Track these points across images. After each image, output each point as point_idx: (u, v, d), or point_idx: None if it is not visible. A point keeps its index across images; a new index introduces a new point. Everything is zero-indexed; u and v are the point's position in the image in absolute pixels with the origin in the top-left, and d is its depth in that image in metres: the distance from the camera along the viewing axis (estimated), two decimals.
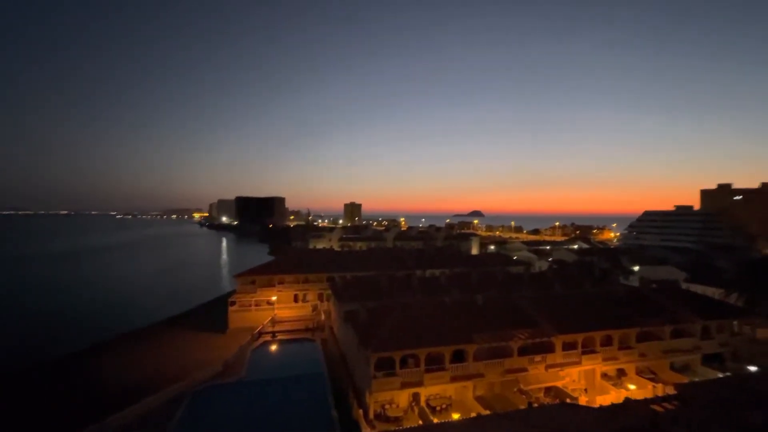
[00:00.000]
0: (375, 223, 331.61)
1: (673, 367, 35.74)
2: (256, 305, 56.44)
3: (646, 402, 21.90)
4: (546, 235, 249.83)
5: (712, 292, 51.34)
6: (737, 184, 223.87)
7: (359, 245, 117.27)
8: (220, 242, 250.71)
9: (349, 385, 33.54)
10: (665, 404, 20.90)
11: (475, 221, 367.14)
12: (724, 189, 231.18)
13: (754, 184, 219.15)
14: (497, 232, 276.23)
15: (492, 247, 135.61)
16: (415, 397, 30.14)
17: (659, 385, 31.85)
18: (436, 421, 26.30)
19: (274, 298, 57.36)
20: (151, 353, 46.96)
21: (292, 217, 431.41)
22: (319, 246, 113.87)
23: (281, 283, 59.96)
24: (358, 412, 28.66)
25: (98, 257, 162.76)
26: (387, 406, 29.25)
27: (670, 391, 27.19)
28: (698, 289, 53.16)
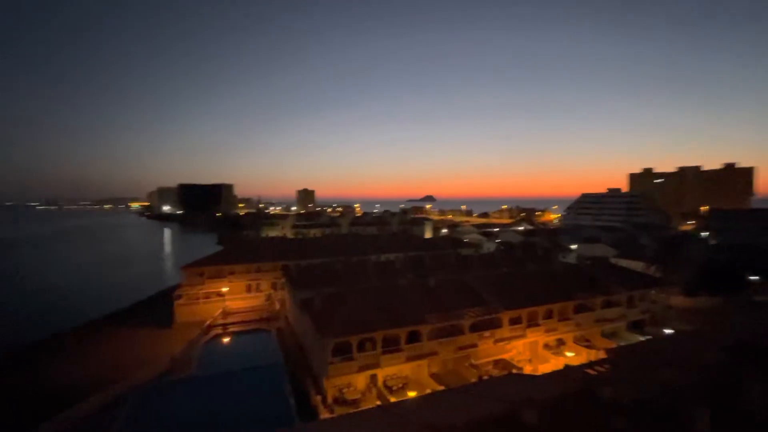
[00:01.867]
0: (329, 210, 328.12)
1: (603, 334, 39.59)
2: (205, 298, 53.93)
3: (581, 367, 24.16)
4: (494, 218, 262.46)
5: (636, 265, 57.32)
6: (660, 168, 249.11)
7: (313, 232, 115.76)
8: (163, 233, 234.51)
9: (307, 372, 33.46)
10: (597, 368, 23.19)
11: (428, 206, 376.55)
12: (647, 173, 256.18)
13: (672, 167, 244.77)
14: (449, 216, 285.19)
15: (444, 230, 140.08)
16: (373, 378, 30.79)
17: (592, 351, 35.24)
18: (393, 400, 27.12)
19: (224, 290, 55.13)
20: (86, 353, 43.20)
21: (241, 205, 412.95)
22: (272, 234, 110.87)
23: (232, 273, 57.66)
24: (316, 399, 28.75)
25: (16, 250, 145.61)
26: (345, 390, 29.62)
27: (602, 355, 30.16)
28: (624, 263, 58.94)
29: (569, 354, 35.68)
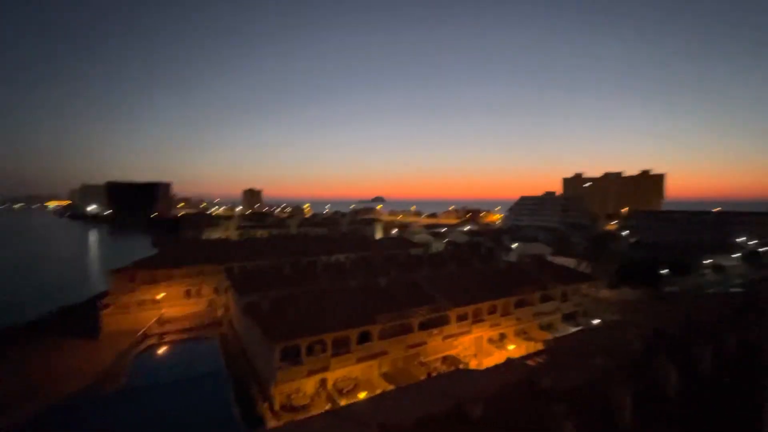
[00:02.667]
0: (278, 210, 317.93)
1: (541, 327, 42.35)
2: (139, 305, 49.47)
3: (522, 359, 25.59)
4: (442, 218, 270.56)
5: (569, 262, 62.18)
6: (589, 174, 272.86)
7: (260, 233, 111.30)
8: (87, 236, 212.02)
9: (253, 380, 31.96)
10: (536, 358, 24.70)
11: (378, 206, 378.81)
12: (578, 178, 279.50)
13: (599, 173, 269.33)
14: (399, 217, 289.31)
15: (394, 231, 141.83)
16: (322, 382, 30.17)
17: (531, 343, 37.54)
18: (343, 402, 26.76)
19: (160, 296, 51.01)
20: None
21: (181, 205, 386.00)
22: (215, 236, 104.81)
23: (169, 278, 53.51)
24: (263, 407, 27.56)
25: None
26: (293, 396, 28.71)
27: (540, 347, 32.28)
28: (559, 260, 63.68)
29: (511, 347, 37.67)
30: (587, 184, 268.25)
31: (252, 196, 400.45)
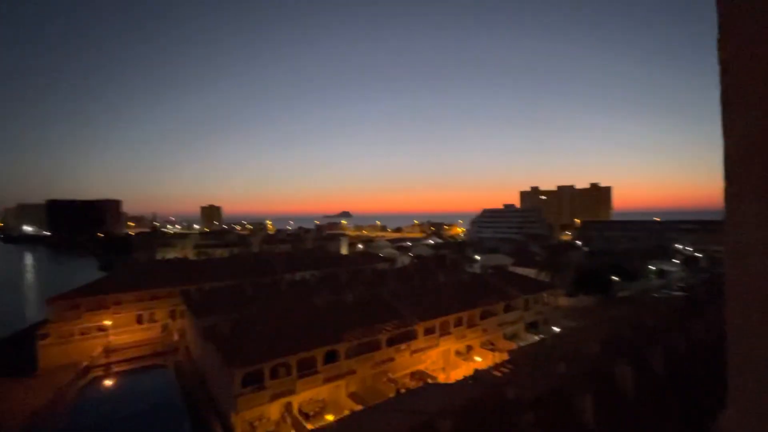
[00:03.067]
0: (238, 227, 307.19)
1: (505, 337, 43.26)
2: (82, 334, 45.29)
3: (488, 370, 25.87)
4: (407, 232, 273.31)
5: (529, 272, 64.44)
6: (544, 187, 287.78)
7: (220, 252, 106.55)
8: (22, 259, 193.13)
9: (212, 410, 29.95)
10: (502, 369, 25.06)
11: (344, 222, 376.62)
12: (535, 191, 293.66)
13: (554, 186, 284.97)
14: (364, 232, 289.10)
15: (360, 245, 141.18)
16: (287, 406, 28.82)
17: (497, 354, 38.14)
18: (310, 427, 25.67)
19: (108, 323, 47.05)
20: None
21: (132, 224, 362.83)
22: (170, 256, 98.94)
23: (118, 303, 49.60)
24: None
25: None
26: (256, 423, 27.15)
27: (505, 357, 32.85)
28: (520, 270, 65.86)
29: (477, 358, 38.07)
30: (543, 197, 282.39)
31: (211, 213, 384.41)
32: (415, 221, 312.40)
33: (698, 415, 18.66)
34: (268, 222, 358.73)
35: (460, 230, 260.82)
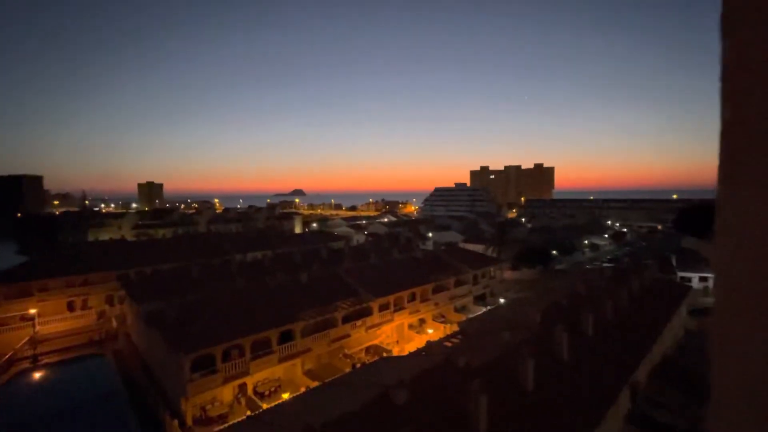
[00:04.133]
0: (183, 206, 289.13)
1: (456, 309, 45.49)
2: (2, 325, 40.83)
3: (440, 341, 27.14)
4: (362, 210, 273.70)
5: (478, 248, 67.65)
6: (494, 167, 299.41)
7: (162, 233, 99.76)
8: None
9: (159, 397, 28.69)
10: (453, 339, 26.40)
11: (297, 200, 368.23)
12: (484, 170, 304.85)
13: (501, 166, 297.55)
14: (319, 210, 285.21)
15: (314, 224, 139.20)
16: (242, 388, 28.40)
17: (448, 326, 40.08)
18: (265, 406, 25.54)
19: (33, 311, 42.72)
20: None
21: (57, 203, 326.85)
22: (105, 237, 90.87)
23: (44, 290, 45.08)
24: (173, 424, 24.92)
25: None
26: (209, 407, 26.52)
27: (455, 328, 34.60)
28: (470, 247, 68.89)
29: (430, 331, 39.77)
30: (492, 176, 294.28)
31: (150, 190, 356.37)
32: (370, 200, 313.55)
33: (622, 370, 21.07)
34: (216, 200, 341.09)
35: (413, 208, 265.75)
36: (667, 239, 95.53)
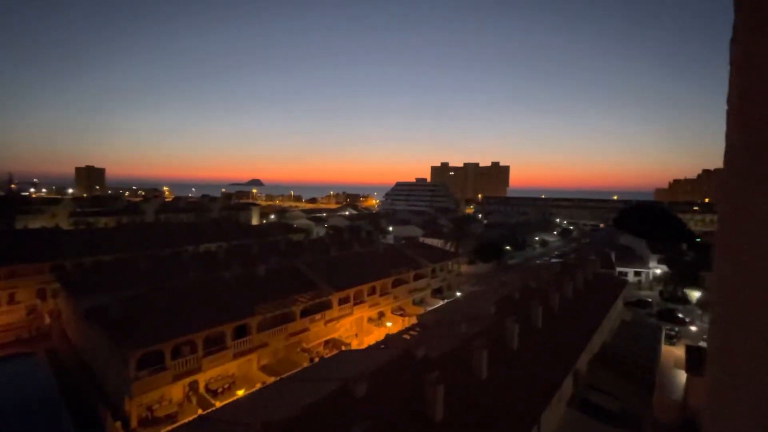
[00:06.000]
0: (128, 193, 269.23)
1: (414, 302, 46.41)
2: None
3: (399, 334, 27.56)
4: (322, 203, 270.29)
5: (437, 242, 69.32)
6: (453, 163, 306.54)
7: (105, 221, 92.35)
8: None
9: (99, 398, 26.73)
10: (412, 332, 26.92)
11: (254, 190, 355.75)
12: (444, 166, 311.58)
13: (461, 162, 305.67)
14: (277, 201, 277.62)
15: (273, 216, 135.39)
16: (192, 385, 27.17)
17: (407, 318, 40.82)
18: (218, 404, 24.63)
19: None
20: None
21: None
22: (36, 225, 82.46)
23: None
24: (115, 426, 23.35)
25: None
26: (156, 406, 25.13)
27: (414, 321, 35.32)
28: (429, 241, 70.44)
29: (389, 324, 40.28)
30: (451, 173, 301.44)
31: (90, 175, 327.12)
32: (331, 192, 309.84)
33: (565, 358, 22.60)
34: (165, 188, 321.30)
35: (374, 202, 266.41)
36: (608, 237, 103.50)
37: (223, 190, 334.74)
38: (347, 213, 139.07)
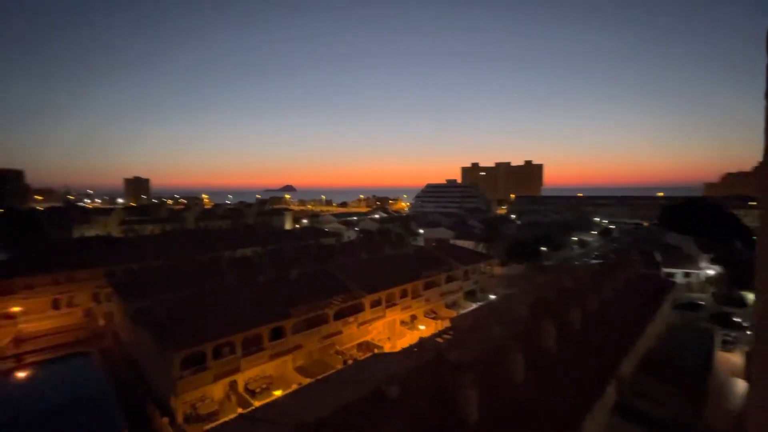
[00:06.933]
0: (170, 202, 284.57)
1: (447, 305, 45.89)
2: None
3: (432, 337, 27.37)
4: (353, 207, 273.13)
5: (468, 244, 68.33)
6: (484, 163, 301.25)
7: (150, 229, 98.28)
8: None
9: (148, 395, 28.42)
10: (445, 335, 26.66)
11: (287, 196, 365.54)
12: (475, 167, 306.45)
13: (492, 162, 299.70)
14: (309, 206, 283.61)
15: (305, 221, 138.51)
16: (232, 385, 28.29)
17: (439, 321, 40.46)
18: (257, 404, 25.48)
19: (16, 309, 41.80)
20: None
21: (39, 198, 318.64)
22: (90, 234, 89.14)
23: (29, 287, 44.09)
24: (162, 422, 24.73)
25: None
26: (199, 404, 26.38)
27: (447, 324, 34.93)
28: (460, 243, 69.49)
29: (421, 327, 40.09)
30: (482, 173, 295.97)
31: (137, 186, 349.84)
32: (361, 196, 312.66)
33: (608, 363, 21.56)
34: (205, 196, 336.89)
35: (404, 204, 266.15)
36: (651, 236, 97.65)
37: (258, 196, 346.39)
38: (377, 216, 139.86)
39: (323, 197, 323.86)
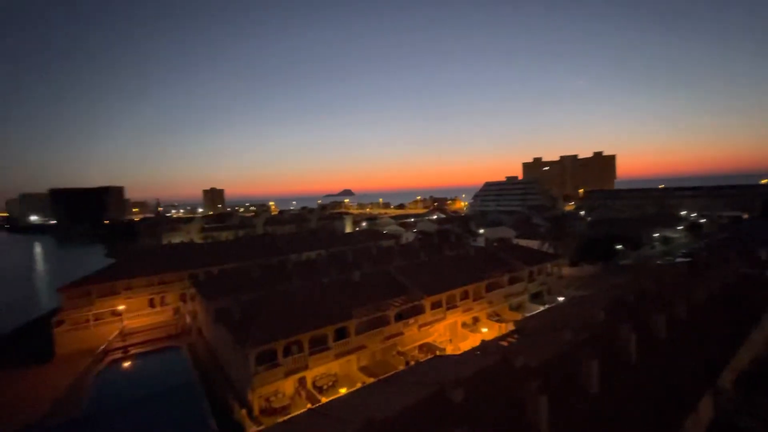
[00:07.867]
0: (241, 210, 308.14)
1: (511, 308, 44.02)
2: (97, 319, 46.50)
3: (496, 340, 26.49)
4: (410, 208, 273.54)
5: (532, 243, 64.84)
6: (547, 158, 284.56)
7: (225, 235, 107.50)
8: (32, 248, 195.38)
9: (228, 387, 31.08)
10: (509, 339, 25.66)
11: (346, 200, 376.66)
12: (537, 162, 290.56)
13: (556, 156, 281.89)
14: (368, 209, 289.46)
15: (364, 224, 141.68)
16: (301, 381, 29.87)
17: (503, 324, 38.97)
18: (324, 400, 26.64)
19: (121, 307, 48.21)
20: None
21: (136, 210, 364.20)
22: (176, 240, 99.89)
23: (129, 288, 50.64)
24: (241, 413, 26.89)
25: None
26: (272, 398, 28.24)
27: (511, 327, 33.53)
28: (524, 242, 66.27)
29: (484, 329, 38.91)
30: (546, 168, 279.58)
31: (214, 196, 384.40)
32: (418, 197, 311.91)
33: (702, 375, 19.20)
34: (271, 203, 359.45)
35: (462, 204, 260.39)
36: (754, 230, 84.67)
37: (319, 201, 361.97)
38: (435, 217, 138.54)
39: (381, 200, 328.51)
